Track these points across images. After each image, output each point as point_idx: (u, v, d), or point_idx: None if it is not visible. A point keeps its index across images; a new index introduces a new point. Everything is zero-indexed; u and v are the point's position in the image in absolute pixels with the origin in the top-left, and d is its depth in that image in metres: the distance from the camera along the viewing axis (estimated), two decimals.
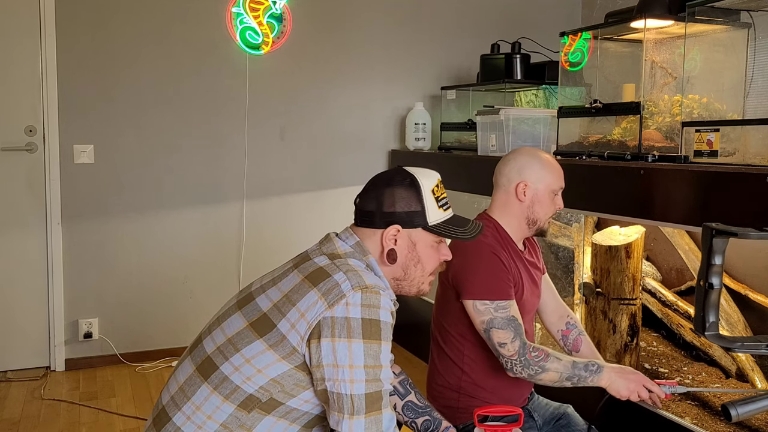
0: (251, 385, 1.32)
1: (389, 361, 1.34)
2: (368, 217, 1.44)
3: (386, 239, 1.43)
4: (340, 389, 1.27)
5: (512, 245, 1.90)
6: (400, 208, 1.42)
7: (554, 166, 1.91)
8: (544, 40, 3.50)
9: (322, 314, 1.28)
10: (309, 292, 1.31)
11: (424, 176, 1.45)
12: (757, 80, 2.14)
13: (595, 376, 1.76)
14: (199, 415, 1.34)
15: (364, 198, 1.46)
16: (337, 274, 1.32)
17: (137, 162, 3.52)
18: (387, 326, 1.32)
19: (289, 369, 1.31)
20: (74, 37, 3.36)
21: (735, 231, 1.07)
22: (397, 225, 1.42)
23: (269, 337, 1.32)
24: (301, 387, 1.33)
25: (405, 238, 1.44)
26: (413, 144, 3.84)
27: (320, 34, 3.81)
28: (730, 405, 1.03)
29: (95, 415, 2.93)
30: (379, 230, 1.43)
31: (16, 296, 3.39)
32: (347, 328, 1.27)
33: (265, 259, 3.60)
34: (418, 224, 1.43)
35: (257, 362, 1.31)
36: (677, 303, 2.89)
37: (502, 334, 1.74)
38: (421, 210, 1.43)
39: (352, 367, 1.27)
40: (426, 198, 1.43)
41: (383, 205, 1.43)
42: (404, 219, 1.42)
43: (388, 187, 1.43)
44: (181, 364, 1.44)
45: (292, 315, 1.31)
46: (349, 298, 1.28)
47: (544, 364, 1.74)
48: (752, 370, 2.51)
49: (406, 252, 1.44)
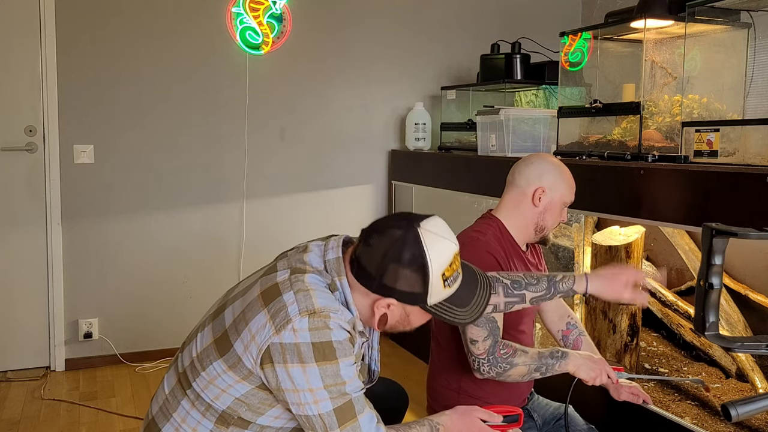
0: (220, 404, 1.32)
1: (354, 371, 1.28)
2: (365, 276, 1.32)
3: (378, 307, 1.33)
4: (306, 411, 1.25)
5: (514, 245, 1.90)
6: (400, 287, 1.30)
7: (571, 179, 1.92)
8: (544, 40, 3.50)
9: (270, 339, 1.24)
10: (260, 312, 1.28)
11: (439, 255, 1.30)
12: (757, 80, 2.14)
13: (561, 362, 1.78)
14: (185, 428, 1.35)
15: (367, 252, 1.32)
16: (287, 293, 1.27)
17: (137, 162, 3.52)
18: (342, 343, 1.26)
19: (250, 388, 1.30)
20: (74, 37, 3.36)
21: (735, 231, 1.07)
22: (393, 299, 1.32)
23: (227, 357, 1.30)
24: (266, 405, 1.32)
25: (400, 309, 1.34)
26: (413, 144, 3.84)
27: (320, 34, 3.81)
28: (730, 405, 1.03)
29: (95, 415, 2.93)
30: (373, 294, 1.32)
31: (16, 296, 3.39)
32: (297, 353, 1.23)
33: (265, 259, 3.59)
34: (416, 304, 1.33)
35: (219, 383, 1.31)
36: (677, 303, 2.89)
37: (477, 330, 1.74)
38: (422, 293, 1.31)
39: (312, 390, 1.24)
40: (432, 284, 1.30)
41: (384, 277, 1.30)
42: (403, 297, 1.31)
43: (394, 263, 1.29)
44: (167, 374, 1.45)
45: (245, 336, 1.28)
46: (295, 323, 1.23)
47: (512, 360, 1.74)
48: (752, 370, 2.51)
49: (398, 317, 1.36)
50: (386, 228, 1.32)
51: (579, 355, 1.82)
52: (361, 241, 1.34)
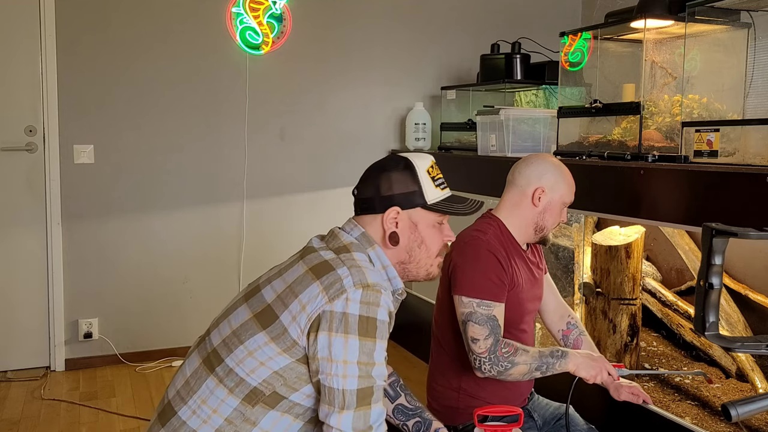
0: (255, 378, 1.32)
1: (384, 359, 1.34)
2: (367, 203, 1.46)
3: (387, 222, 1.44)
4: (332, 383, 1.28)
5: (514, 244, 1.90)
6: (397, 190, 1.44)
7: (571, 180, 1.93)
8: (544, 40, 3.50)
9: (321, 307, 1.29)
10: (312, 284, 1.32)
11: (418, 158, 1.48)
12: (757, 80, 2.14)
13: (561, 360, 1.78)
14: (205, 409, 1.34)
15: (362, 186, 1.49)
16: (341, 268, 1.33)
17: (137, 162, 3.52)
18: (384, 325, 1.32)
19: (290, 362, 1.32)
20: (74, 37, 3.37)
21: (735, 231, 1.07)
22: (396, 207, 1.44)
23: (271, 329, 1.32)
24: (302, 381, 1.33)
25: (406, 220, 1.45)
26: (413, 144, 3.84)
27: (320, 34, 3.81)
28: (730, 405, 1.03)
29: (95, 415, 2.93)
30: (380, 215, 1.44)
31: (16, 296, 3.39)
32: (345, 323, 1.28)
33: (265, 259, 3.59)
34: (416, 204, 1.45)
35: (259, 355, 1.32)
36: (677, 303, 2.89)
37: (478, 329, 1.74)
38: (418, 189, 1.45)
39: (345, 363, 1.28)
40: (422, 178, 1.45)
41: (380, 189, 1.45)
42: (402, 200, 1.44)
43: (384, 172, 1.46)
44: (189, 358, 1.44)
45: (294, 307, 1.31)
46: (349, 294, 1.29)
47: (513, 359, 1.74)
48: (752, 370, 2.51)
49: (408, 233, 1.46)
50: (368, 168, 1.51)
51: (579, 354, 1.82)
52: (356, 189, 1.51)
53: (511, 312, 1.85)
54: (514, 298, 1.86)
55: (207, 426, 1.33)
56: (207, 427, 1.33)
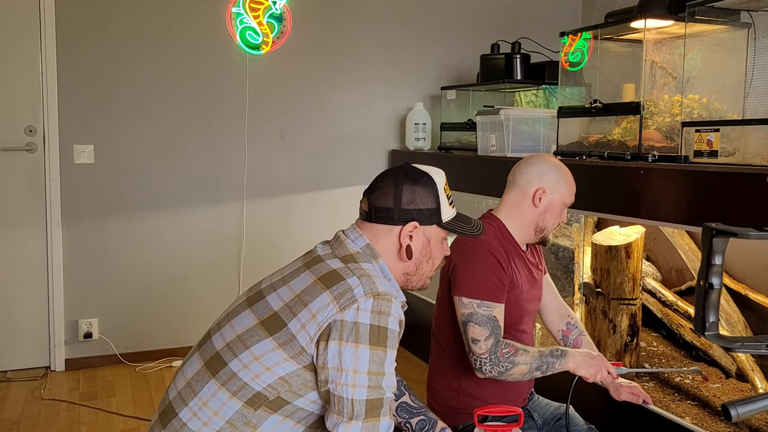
0: (259, 383, 1.32)
1: (393, 369, 1.34)
2: (384, 213, 1.44)
3: (404, 236, 1.44)
4: (342, 393, 1.27)
5: (514, 244, 1.90)
6: (420, 205, 1.44)
7: (572, 180, 1.93)
8: (544, 40, 3.50)
9: (333, 317, 1.29)
10: (321, 294, 1.32)
11: (436, 175, 1.47)
12: (757, 80, 2.14)
13: (561, 360, 1.78)
14: (206, 411, 1.34)
15: (380, 195, 1.46)
16: (351, 278, 1.33)
17: (137, 162, 3.52)
18: (394, 334, 1.32)
19: (297, 368, 1.31)
20: (74, 37, 3.36)
21: (735, 231, 1.07)
22: (415, 222, 1.44)
23: (279, 336, 1.32)
24: (308, 387, 1.33)
25: (420, 235, 1.46)
26: (413, 144, 3.84)
27: (320, 34, 3.81)
28: (730, 405, 1.03)
29: (95, 415, 2.93)
30: (398, 227, 1.44)
31: (16, 296, 3.39)
32: (355, 332, 1.28)
33: (265, 259, 3.60)
34: (434, 221, 1.46)
35: (266, 360, 1.32)
36: (677, 303, 2.89)
37: (479, 330, 1.75)
38: (437, 207, 1.45)
39: (356, 372, 1.27)
40: (441, 196, 1.46)
41: (402, 201, 1.43)
42: (423, 216, 1.44)
43: (407, 184, 1.44)
44: (189, 360, 1.44)
45: (303, 315, 1.31)
46: (360, 304, 1.29)
47: (514, 359, 1.74)
48: (752, 370, 2.51)
49: (421, 248, 1.47)
50: (383, 174, 1.49)
51: (578, 353, 1.82)
52: (367, 195, 1.48)
53: (510, 313, 1.85)
54: (514, 298, 1.86)
55: (207, 428, 1.33)
56: (207, 429, 1.33)
